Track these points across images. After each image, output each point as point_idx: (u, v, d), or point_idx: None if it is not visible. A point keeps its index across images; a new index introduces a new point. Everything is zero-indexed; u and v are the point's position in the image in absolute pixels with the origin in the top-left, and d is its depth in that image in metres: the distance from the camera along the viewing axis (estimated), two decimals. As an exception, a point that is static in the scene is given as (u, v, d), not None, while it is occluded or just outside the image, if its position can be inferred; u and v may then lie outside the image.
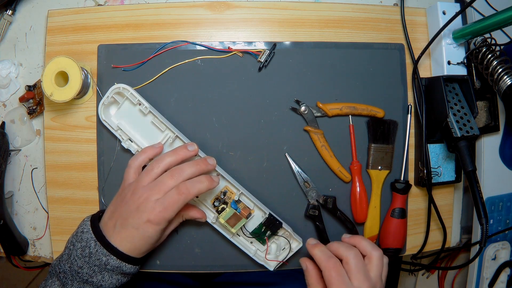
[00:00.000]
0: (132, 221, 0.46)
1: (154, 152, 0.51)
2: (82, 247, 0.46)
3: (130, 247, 0.47)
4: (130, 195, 0.48)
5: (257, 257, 0.54)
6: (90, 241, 0.46)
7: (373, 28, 0.59)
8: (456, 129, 0.52)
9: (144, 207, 0.46)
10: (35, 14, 0.58)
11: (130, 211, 0.47)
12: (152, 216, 0.46)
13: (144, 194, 0.47)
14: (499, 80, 0.52)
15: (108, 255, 0.46)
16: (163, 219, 0.46)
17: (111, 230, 0.47)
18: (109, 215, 0.49)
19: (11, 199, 0.58)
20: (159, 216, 0.46)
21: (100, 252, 0.46)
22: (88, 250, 0.46)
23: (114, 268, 0.46)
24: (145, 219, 0.46)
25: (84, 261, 0.46)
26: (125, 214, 0.47)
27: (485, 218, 0.50)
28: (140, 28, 0.56)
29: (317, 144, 0.56)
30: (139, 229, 0.46)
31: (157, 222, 0.46)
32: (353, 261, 0.47)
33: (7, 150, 0.56)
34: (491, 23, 0.49)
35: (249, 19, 0.58)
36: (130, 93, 0.52)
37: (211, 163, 0.50)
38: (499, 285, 0.63)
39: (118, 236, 0.47)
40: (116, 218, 0.48)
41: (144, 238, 0.47)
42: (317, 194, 0.57)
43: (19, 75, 0.58)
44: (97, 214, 0.51)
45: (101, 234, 0.47)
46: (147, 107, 0.52)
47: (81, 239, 0.47)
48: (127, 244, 0.47)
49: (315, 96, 0.57)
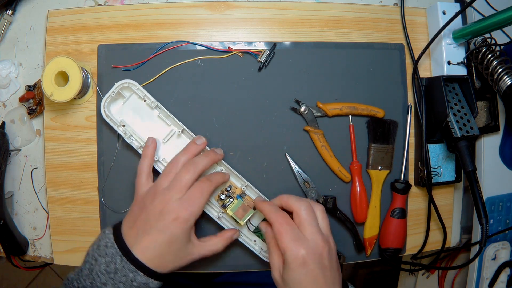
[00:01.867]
0: (156, 224, 0.44)
1: (152, 150, 0.51)
2: (106, 262, 0.44)
3: (155, 256, 0.44)
4: (150, 201, 0.46)
5: (262, 254, 0.54)
6: (116, 256, 0.44)
7: (373, 28, 0.59)
8: (456, 129, 0.52)
9: (167, 209, 0.45)
10: (35, 14, 0.58)
11: (153, 216, 0.45)
12: (180, 213, 0.44)
13: (166, 197, 0.45)
14: (499, 80, 0.52)
15: (135, 271, 0.43)
16: (191, 214, 0.45)
17: (133, 240, 0.45)
18: (129, 225, 0.47)
19: (11, 199, 0.58)
20: (187, 212, 0.44)
21: (127, 268, 0.43)
22: (114, 266, 0.43)
23: (140, 284, 0.44)
24: (171, 218, 0.44)
25: (109, 277, 0.43)
26: (147, 220, 0.45)
27: (485, 218, 0.50)
28: (140, 28, 0.56)
29: (317, 144, 0.56)
30: (164, 231, 0.44)
31: (185, 219, 0.44)
32: (304, 212, 0.45)
33: (7, 150, 0.56)
34: (491, 23, 0.49)
35: (249, 19, 0.58)
36: (137, 88, 0.53)
37: (220, 153, 0.52)
38: (499, 285, 0.63)
39: (140, 245, 0.44)
40: (137, 227, 0.45)
41: (170, 242, 0.45)
42: (317, 194, 0.57)
43: (19, 75, 0.58)
44: (118, 226, 0.48)
45: (127, 250, 0.44)
46: (154, 101, 0.52)
47: (105, 254, 0.44)
48: (151, 252, 0.44)
49: (315, 96, 0.57)
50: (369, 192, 0.58)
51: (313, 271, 0.43)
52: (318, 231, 0.44)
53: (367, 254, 0.58)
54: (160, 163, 0.52)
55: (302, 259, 0.42)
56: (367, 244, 0.58)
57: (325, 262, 0.44)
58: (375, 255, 0.59)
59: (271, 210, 0.47)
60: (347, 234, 0.58)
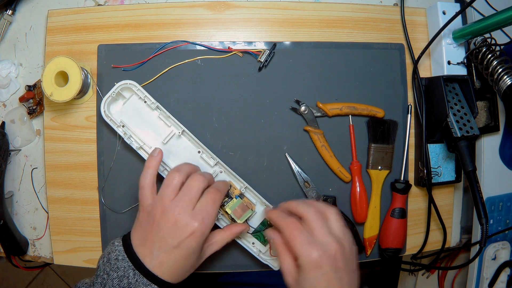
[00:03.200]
0: (172, 241, 0.43)
1: (157, 161, 0.48)
2: (119, 277, 0.42)
3: (172, 270, 0.43)
4: (160, 215, 0.44)
5: (260, 257, 0.54)
6: (128, 270, 0.42)
7: (373, 28, 0.59)
8: (456, 129, 0.52)
9: (182, 221, 0.43)
10: (35, 14, 0.58)
11: (167, 231, 0.43)
12: (196, 226, 0.43)
13: (177, 209, 0.44)
14: (499, 80, 0.52)
15: (149, 285, 0.42)
16: (207, 226, 0.44)
17: (149, 257, 0.43)
18: (140, 243, 0.45)
19: (11, 199, 0.58)
20: (203, 224, 0.43)
21: (141, 281, 0.42)
22: (127, 281, 0.42)
23: None
24: (187, 233, 0.43)
25: None
26: (161, 236, 0.43)
27: (485, 218, 0.50)
28: (140, 28, 0.56)
29: (317, 144, 0.56)
30: (180, 247, 0.43)
31: (201, 232, 0.44)
32: (313, 217, 0.44)
33: (7, 150, 0.56)
34: (491, 23, 0.49)
35: (249, 19, 0.58)
36: (138, 88, 0.53)
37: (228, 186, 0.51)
38: (499, 285, 0.63)
39: (157, 262, 0.43)
40: (150, 243, 0.44)
41: (187, 257, 0.44)
42: (317, 194, 0.57)
43: (19, 75, 0.58)
44: (128, 237, 0.46)
45: (139, 262, 0.43)
46: (154, 102, 0.52)
47: (117, 268, 0.43)
48: (168, 268, 0.43)
49: (315, 96, 0.57)
50: (369, 192, 0.58)
51: (328, 274, 0.42)
52: (329, 233, 0.44)
53: (367, 254, 0.58)
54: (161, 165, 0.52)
55: (316, 262, 0.42)
56: (367, 244, 0.58)
57: (339, 264, 0.43)
58: (375, 255, 0.59)
59: (281, 216, 0.46)
60: (347, 234, 0.58)
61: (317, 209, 0.46)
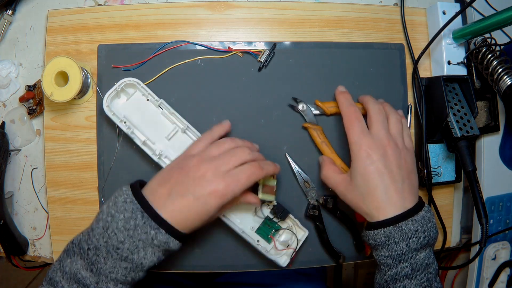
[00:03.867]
0: (194, 189, 0.42)
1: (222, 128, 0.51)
2: (125, 218, 0.41)
3: (181, 220, 0.42)
4: (194, 163, 0.44)
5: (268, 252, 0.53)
6: (137, 212, 0.41)
7: (373, 28, 0.59)
8: (456, 129, 0.52)
9: (211, 176, 0.43)
10: (35, 14, 0.58)
11: (192, 179, 0.43)
12: (221, 186, 0.43)
13: (212, 164, 0.44)
14: (499, 80, 0.52)
15: (157, 228, 0.41)
16: (232, 192, 0.43)
17: (163, 198, 0.43)
18: (160, 182, 0.44)
19: (11, 199, 0.58)
20: (228, 188, 0.43)
21: (148, 224, 0.41)
22: (134, 222, 0.40)
23: (161, 243, 0.41)
24: (211, 189, 0.42)
25: (127, 235, 0.40)
26: (185, 182, 0.43)
27: (485, 218, 0.50)
28: (140, 28, 0.56)
29: (316, 141, 0.56)
30: (200, 199, 0.42)
31: (223, 194, 0.43)
32: (374, 112, 0.49)
33: (7, 150, 0.56)
34: (491, 23, 0.49)
35: (249, 19, 0.58)
36: (141, 86, 0.53)
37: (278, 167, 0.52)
38: (499, 285, 0.63)
39: (171, 205, 0.42)
40: (172, 185, 0.43)
41: (201, 212, 0.43)
42: (317, 194, 0.57)
43: (19, 75, 0.58)
44: (137, 183, 0.45)
45: (148, 205, 0.42)
46: (157, 99, 0.53)
47: (125, 210, 0.41)
48: (179, 215, 0.42)
49: (315, 96, 0.57)
50: (369, 192, 0.58)
51: (377, 164, 0.45)
52: (383, 129, 0.48)
53: (367, 254, 0.58)
54: (163, 161, 0.52)
55: (366, 151, 0.46)
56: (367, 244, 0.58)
57: (390, 158, 0.46)
58: (375, 255, 0.59)
59: (345, 103, 0.51)
60: (347, 234, 0.58)
61: (381, 108, 0.50)
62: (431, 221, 0.46)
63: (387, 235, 0.45)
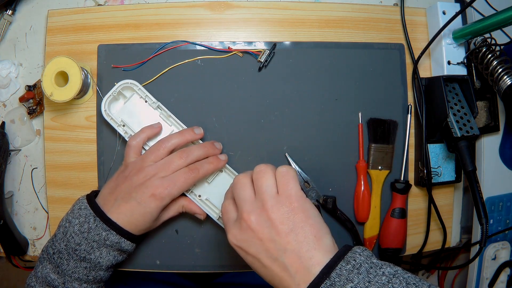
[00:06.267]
0: (136, 195, 0.47)
1: (153, 131, 0.52)
2: (80, 223, 0.46)
3: (128, 222, 0.47)
4: (135, 173, 0.48)
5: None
6: (89, 217, 0.46)
7: (373, 28, 0.59)
8: (456, 129, 0.52)
9: (150, 183, 0.47)
10: (35, 14, 0.58)
11: (134, 187, 0.47)
12: (159, 190, 0.46)
13: (151, 172, 0.47)
14: (499, 80, 0.52)
15: (108, 230, 0.46)
16: (168, 194, 0.47)
17: (110, 204, 0.47)
18: (109, 191, 0.49)
19: (11, 199, 0.58)
20: (165, 191, 0.47)
21: (100, 227, 0.46)
22: (87, 226, 0.46)
23: (113, 243, 0.46)
24: (149, 193, 0.46)
25: (82, 237, 0.45)
26: (128, 189, 0.47)
27: (485, 218, 0.50)
28: (140, 28, 0.56)
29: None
30: (141, 203, 0.46)
31: (162, 197, 0.47)
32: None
33: (7, 150, 0.56)
34: (491, 23, 0.49)
35: (249, 19, 0.58)
36: (139, 88, 0.53)
37: (218, 147, 0.53)
38: (499, 285, 0.63)
39: (117, 210, 0.47)
40: (118, 193, 0.48)
41: (144, 214, 0.47)
42: (317, 194, 0.57)
43: (19, 75, 0.58)
44: (92, 194, 0.50)
45: (100, 210, 0.47)
46: (155, 101, 0.53)
47: (79, 215, 0.46)
48: (125, 218, 0.47)
49: (315, 96, 0.57)
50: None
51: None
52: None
53: (367, 254, 0.58)
54: None
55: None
56: (367, 244, 0.58)
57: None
58: (375, 255, 0.59)
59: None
60: (347, 234, 0.58)
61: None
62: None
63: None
